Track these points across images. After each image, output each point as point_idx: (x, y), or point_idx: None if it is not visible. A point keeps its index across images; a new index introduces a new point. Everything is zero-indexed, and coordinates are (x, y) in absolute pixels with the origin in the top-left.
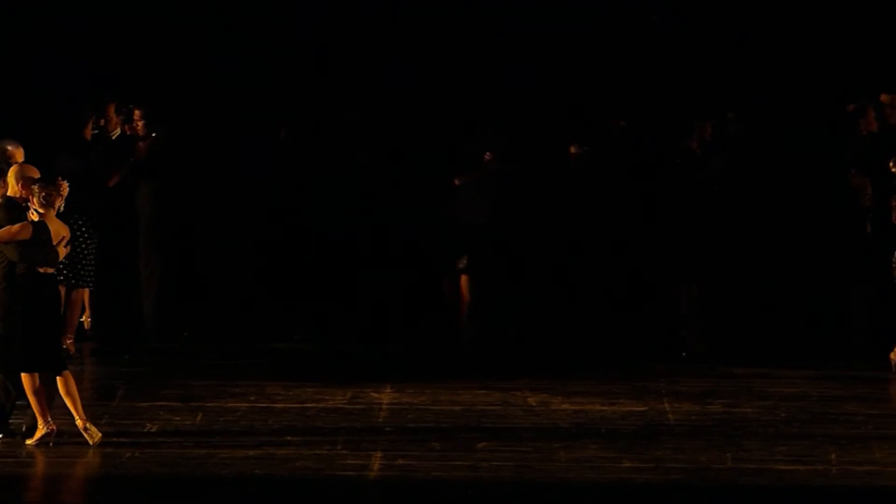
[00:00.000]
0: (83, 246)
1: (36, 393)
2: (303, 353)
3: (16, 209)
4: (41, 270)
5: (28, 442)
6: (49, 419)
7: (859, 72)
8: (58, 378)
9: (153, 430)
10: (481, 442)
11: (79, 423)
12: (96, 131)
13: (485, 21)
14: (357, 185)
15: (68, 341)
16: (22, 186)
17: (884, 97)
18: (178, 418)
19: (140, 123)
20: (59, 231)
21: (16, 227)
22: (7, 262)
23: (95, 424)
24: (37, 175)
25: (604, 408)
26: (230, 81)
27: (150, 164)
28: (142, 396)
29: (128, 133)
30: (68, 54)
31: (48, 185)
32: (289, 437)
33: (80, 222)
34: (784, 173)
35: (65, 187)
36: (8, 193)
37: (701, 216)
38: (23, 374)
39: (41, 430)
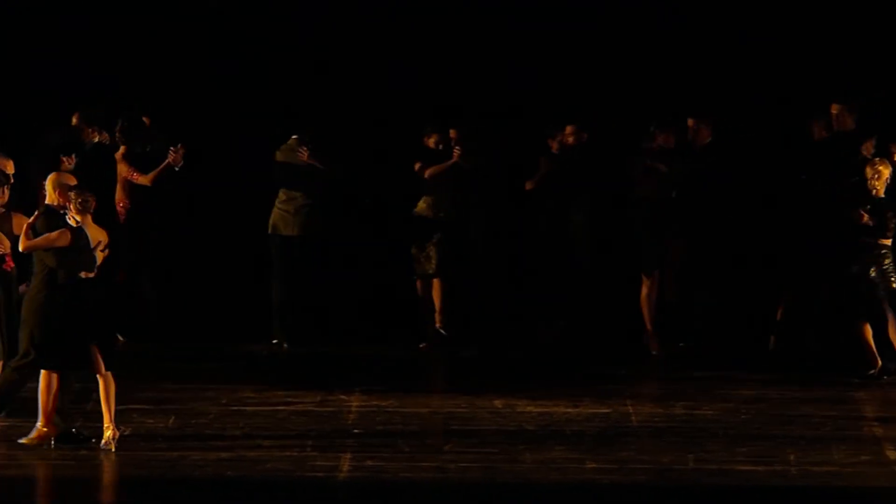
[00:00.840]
0: None
1: (49, 392)
2: (273, 356)
3: (55, 216)
4: (83, 276)
5: (24, 441)
6: (50, 422)
7: (819, 81)
8: (101, 380)
9: (126, 432)
10: (448, 444)
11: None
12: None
13: (485, 21)
14: (335, 186)
15: None
16: (59, 194)
17: (834, 107)
18: (150, 421)
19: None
20: (96, 236)
21: (54, 233)
22: (47, 268)
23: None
24: (73, 182)
25: (568, 410)
26: (230, 81)
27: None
28: (115, 399)
29: (104, 142)
30: (68, 54)
31: (84, 191)
32: (260, 440)
33: None
34: (744, 181)
35: None
36: (46, 202)
37: (663, 220)
38: (42, 371)
39: (40, 431)
